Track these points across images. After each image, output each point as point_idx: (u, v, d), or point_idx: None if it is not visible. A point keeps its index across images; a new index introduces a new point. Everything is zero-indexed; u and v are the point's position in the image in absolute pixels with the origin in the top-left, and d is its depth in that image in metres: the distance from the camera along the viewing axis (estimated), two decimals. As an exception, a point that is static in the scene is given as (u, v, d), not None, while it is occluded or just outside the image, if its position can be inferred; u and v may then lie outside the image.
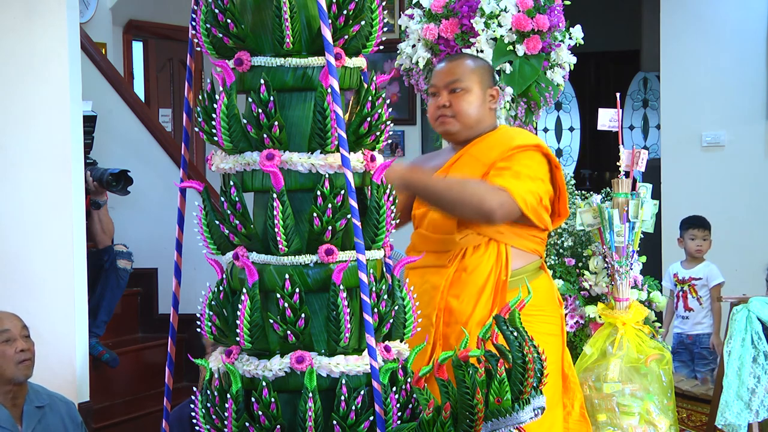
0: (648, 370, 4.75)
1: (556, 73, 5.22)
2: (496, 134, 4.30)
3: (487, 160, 4.20)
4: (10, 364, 4.56)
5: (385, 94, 3.32)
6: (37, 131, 5.48)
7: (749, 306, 4.94)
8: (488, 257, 4.18)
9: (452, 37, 5.08)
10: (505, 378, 2.98)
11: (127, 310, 7.20)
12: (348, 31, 3.24)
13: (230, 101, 3.17)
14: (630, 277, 4.94)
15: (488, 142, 4.26)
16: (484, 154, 4.22)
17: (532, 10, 5.06)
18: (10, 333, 4.61)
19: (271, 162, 3.14)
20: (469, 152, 4.25)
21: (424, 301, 4.13)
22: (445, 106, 4.23)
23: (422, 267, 4.24)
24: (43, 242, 5.50)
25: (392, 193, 3.27)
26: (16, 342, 4.59)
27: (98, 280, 6.40)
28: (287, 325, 3.12)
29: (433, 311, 4.17)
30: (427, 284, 4.22)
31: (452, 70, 4.25)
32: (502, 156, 4.18)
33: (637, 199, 4.91)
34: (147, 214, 7.43)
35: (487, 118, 4.29)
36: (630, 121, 10.92)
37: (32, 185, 5.49)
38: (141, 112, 7.69)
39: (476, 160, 4.22)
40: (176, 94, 9.60)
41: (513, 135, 4.33)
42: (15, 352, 4.58)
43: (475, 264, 4.18)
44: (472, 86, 4.22)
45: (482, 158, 4.21)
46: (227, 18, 3.17)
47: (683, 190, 7.68)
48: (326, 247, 3.16)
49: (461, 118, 4.23)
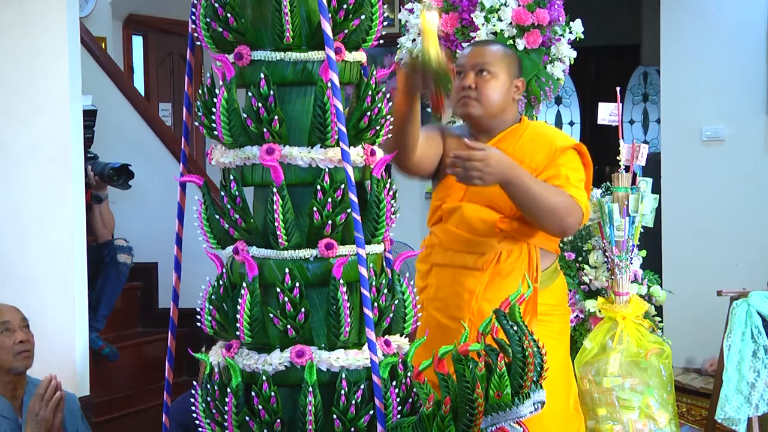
0: (648, 365, 4.75)
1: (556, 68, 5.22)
2: (529, 131, 4.19)
3: (530, 162, 4.07)
4: (9, 355, 4.58)
5: (385, 88, 3.31)
6: (37, 126, 5.47)
7: (749, 300, 4.94)
8: (521, 261, 4.10)
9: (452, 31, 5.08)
10: (505, 372, 2.98)
11: (127, 304, 7.20)
12: (348, 26, 3.24)
13: (230, 95, 3.17)
14: (630, 271, 4.93)
15: (524, 141, 4.15)
16: (525, 155, 4.09)
17: (532, 5, 5.06)
18: (9, 324, 4.62)
19: (271, 156, 3.13)
20: (501, 148, 4.04)
21: (455, 304, 4.09)
22: (470, 87, 4.10)
23: (454, 267, 4.15)
24: (43, 236, 5.50)
25: (392, 188, 3.27)
26: (15, 333, 4.61)
27: (98, 274, 6.40)
28: (287, 319, 3.12)
29: (466, 315, 4.05)
30: (458, 286, 4.12)
31: (482, 52, 4.14)
32: (550, 159, 4.08)
33: (637, 193, 4.91)
34: (147, 209, 7.42)
35: (510, 108, 4.18)
36: (630, 116, 10.91)
37: (33, 180, 5.49)
38: (141, 107, 7.68)
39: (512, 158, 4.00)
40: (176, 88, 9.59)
41: (549, 134, 4.23)
42: (14, 343, 4.59)
43: (509, 268, 4.09)
44: (499, 72, 4.11)
45: (523, 158, 4.06)
46: (227, 12, 3.17)
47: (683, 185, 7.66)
48: (326, 242, 3.16)
49: (485, 102, 4.11)
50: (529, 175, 3.91)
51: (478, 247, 4.11)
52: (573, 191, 4.00)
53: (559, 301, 4.26)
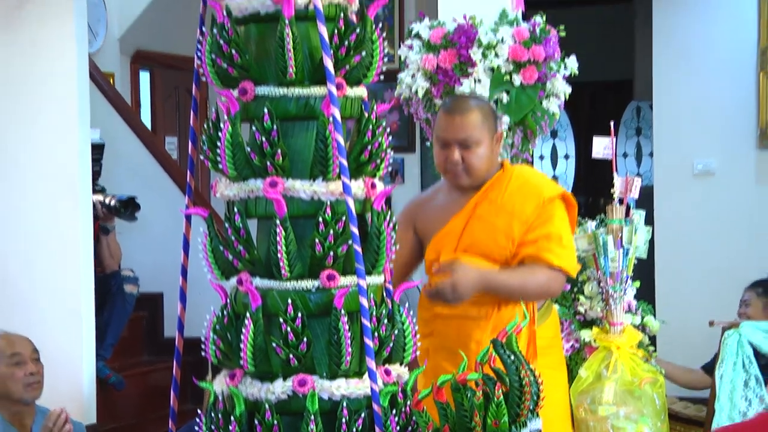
0: (642, 393, 4.73)
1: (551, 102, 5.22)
2: (515, 179, 4.18)
3: (520, 214, 4.09)
4: (19, 386, 4.58)
5: (385, 122, 3.31)
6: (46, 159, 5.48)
7: (740, 330, 4.93)
8: (520, 306, 4.07)
9: (450, 67, 5.08)
10: (502, 401, 2.98)
11: (133, 333, 7.18)
12: (349, 62, 3.24)
13: (234, 130, 3.17)
14: (624, 301, 4.92)
15: (512, 190, 4.15)
16: (515, 206, 4.11)
17: (529, 41, 5.06)
18: (20, 356, 4.62)
19: (274, 189, 3.13)
20: (489, 198, 4.12)
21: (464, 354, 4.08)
22: (457, 162, 4.08)
23: (459, 318, 4.13)
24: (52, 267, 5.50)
25: (392, 220, 3.26)
26: (26, 365, 4.61)
27: (105, 304, 6.39)
28: (290, 348, 3.11)
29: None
30: (465, 337, 4.10)
31: (463, 125, 4.07)
32: (539, 212, 4.09)
33: (631, 225, 4.90)
34: (153, 240, 7.42)
35: (494, 161, 4.19)
36: (624, 149, 10.92)
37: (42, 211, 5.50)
38: (148, 140, 7.69)
39: (501, 209, 4.10)
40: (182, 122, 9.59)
41: (535, 182, 4.23)
42: (24, 374, 4.59)
43: (509, 315, 4.04)
44: (482, 138, 4.08)
45: (512, 209, 4.09)
46: (232, 49, 3.17)
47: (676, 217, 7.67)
48: (328, 273, 3.15)
49: (473, 172, 4.10)
50: (502, 273, 4.06)
51: (479, 297, 4.08)
52: (558, 256, 4.09)
53: (554, 333, 4.33)
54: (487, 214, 4.13)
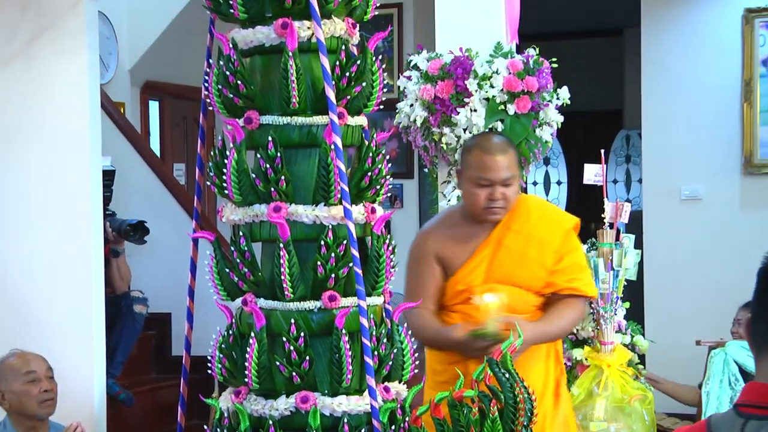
0: (632, 410, 4.72)
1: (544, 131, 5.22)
2: (533, 210, 4.13)
3: (550, 243, 4.04)
4: (33, 403, 4.58)
5: (385, 150, 3.32)
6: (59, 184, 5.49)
7: (726, 349, 4.93)
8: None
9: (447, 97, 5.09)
10: (497, 417, 2.97)
11: (142, 352, 7.17)
12: (350, 92, 3.25)
13: (240, 157, 3.18)
14: (614, 322, 4.92)
15: (534, 221, 4.08)
16: (544, 237, 4.06)
17: (522, 72, 5.07)
18: (36, 374, 4.63)
19: (278, 214, 3.14)
20: (513, 229, 4.04)
21: None
22: (500, 199, 3.96)
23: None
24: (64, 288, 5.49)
25: (391, 243, 3.27)
26: (41, 382, 4.61)
27: (116, 323, 6.39)
28: (293, 367, 3.11)
29: None
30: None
31: (505, 164, 3.96)
32: (563, 241, 4.07)
33: (621, 248, 4.90)
34: (162, 262, 7.41)
35: None
36: (614, 176, 10.94)
37: (55, 235, 5.50)
38: (157, 167, 7.69)
39: (530, 239, 4.03)
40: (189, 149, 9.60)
41: (553, 214, 4.22)
42: (39, 391, 4.59)
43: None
44: (516, 173, 4.03)
45: (541, 239, 4.04)
46: (237, 79, 3.19)
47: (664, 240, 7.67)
48: (329, 294, 3.15)
49: (509, 206, 4.02)
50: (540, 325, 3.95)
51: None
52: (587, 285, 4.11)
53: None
54: (515, 245, 4.04)
